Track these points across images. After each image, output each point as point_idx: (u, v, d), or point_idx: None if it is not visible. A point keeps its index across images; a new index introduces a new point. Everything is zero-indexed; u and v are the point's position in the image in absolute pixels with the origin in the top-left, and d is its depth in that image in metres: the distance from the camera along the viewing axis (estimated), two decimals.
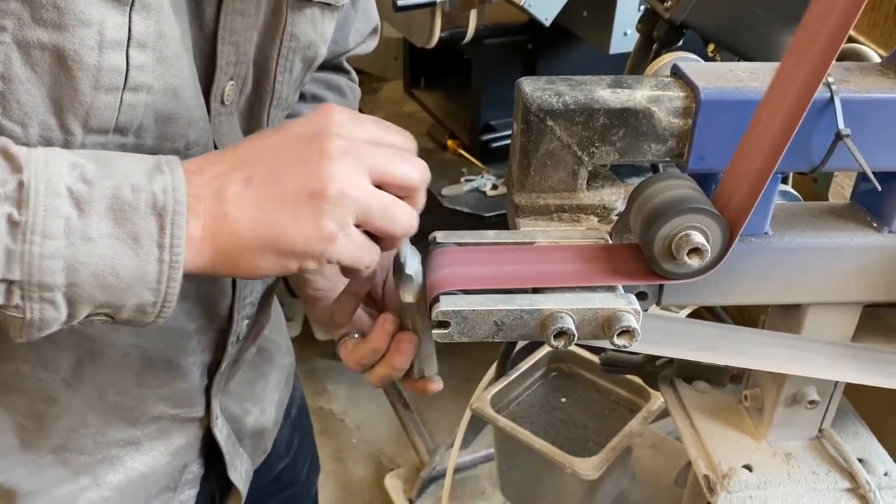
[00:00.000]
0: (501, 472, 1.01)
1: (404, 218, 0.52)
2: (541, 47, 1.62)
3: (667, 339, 0.62)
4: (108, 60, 0.49)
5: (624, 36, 1.38)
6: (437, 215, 1.57)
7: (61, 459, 0.64)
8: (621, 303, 0.53)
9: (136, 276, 0.47)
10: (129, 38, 0.49)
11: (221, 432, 0.73)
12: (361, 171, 0.49)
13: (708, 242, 0.52)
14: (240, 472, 0.77)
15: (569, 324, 0.52)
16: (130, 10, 0.49)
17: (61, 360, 0.60)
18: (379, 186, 0.50)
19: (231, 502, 0.79)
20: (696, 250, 0.52)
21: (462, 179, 1.63)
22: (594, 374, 1.03)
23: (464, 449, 1.30)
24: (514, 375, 1.01)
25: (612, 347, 0.54)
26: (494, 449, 1.01)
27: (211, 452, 0.74)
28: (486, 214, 1.55)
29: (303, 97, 0.79)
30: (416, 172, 0.52)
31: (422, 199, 0.54)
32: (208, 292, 0.64)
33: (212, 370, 0.70)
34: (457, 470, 1.69)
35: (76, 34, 0.47)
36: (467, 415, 0.98)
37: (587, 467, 0.87)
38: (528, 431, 0.91)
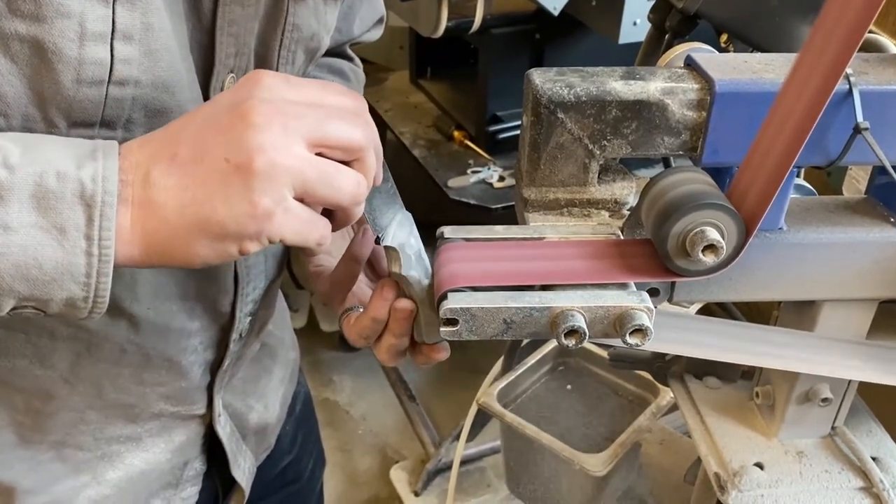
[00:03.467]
0: (508, 468, 1.00)
1: (349, 185, 0.47)
2: (549, 37, 1.60)
3: (677, 336, 0.61)
4: (91, 53, 0.47)
5: (633, 26, 1.36)
6: (442, 207, 1.56)
7: (60, 456, 0.63)
8: (634, 300, 0.51)
9: (62, 269, 0.44)
10: (112, 31, 0.48)
11: (224, 429, 0.73)
12: (293, 137, 0.44)
13: (723, 239, 0.51)
14: (243, 469, 0.76)
15: (580, 322, 0.51)
16: (114, 1, 0.47)
17: (59, 355, 0.59)
18: (321, 154, 0.46)
19: (234, 499, 0.78)
20: (711, 247, 0.51)
21: (468, 171, 1.61)
22: (602, 369, 1.02)
23: (469, 441, 1.30)
24: (521, 370, 0.99)
25: (621, 345, 0.53)
26: (501, 444, 1.00)
27: (213, 449, 0.74)
28: (493, 206, 1.54)
29: None
30: (360, 132, 0.47)
31: (370, 162, 0.49)
32: (209, 290, 0.63)
33: (214, 368, 0.68)
34: (462, 462, 1.68)
35: (55, 26, 0.45)
36: (473, 409, 0.97)
37: (595, 463, 0.86)
38: (535, 427, 0.90)
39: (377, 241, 0.55)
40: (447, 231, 0.59)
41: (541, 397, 1.00)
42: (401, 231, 0.56)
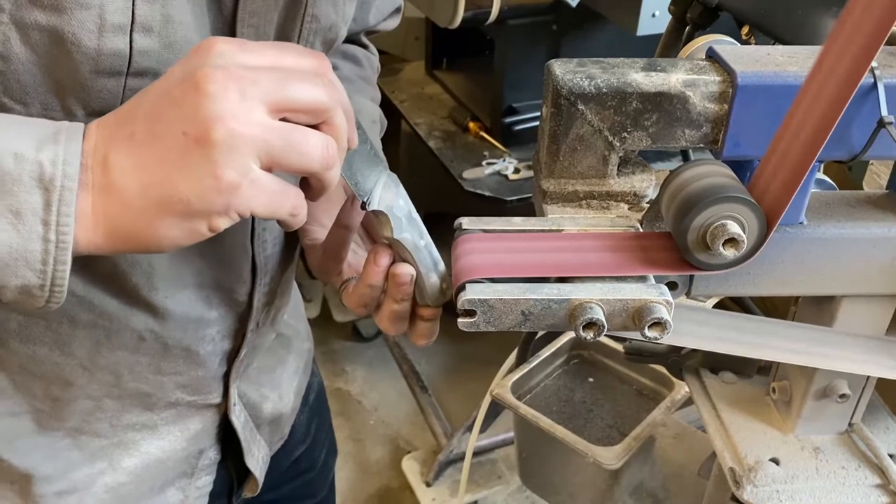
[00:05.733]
0: (521, 460, 1.00)
1: (318, 149, 0.44)
2: (566, 29, 1.59)
3: (694, 330, 0.61)
4: (109, 44, 0.47)
5: (652, 17, 1.35)
6: (457, 198, 1.56)
7: (77, 443, 0.64)
8: (653, 293, 0.51)
9: (17, 254, 0.42)
10: (132, 22, 0.47)
11: (239, 419, 0.73)
12: (252, 103, 0.42)
13: (744, 233, 0.51)
14: (257, 459, 0.77)
15: (598, 314, 0.50)
16: None
17: (78, 342, 0.59)
18: (285, 119, 0.44)
19: (248, 488, 0.79)
20: (731, 241, 0.50)
21: (483, 163, 1.61)
22: (617, 362, 1.02)
23: (482, 433, 1.30)
24: (535, 362, 0.99)
25: (638, 338, 0.52)
26: (514, 436, 1.00)
27: (228, 438, 0.74)
28: (508, 198, 1.53)
29: None
30: (323, 92, 0.45)
31: (339, 123, 0.46)
32: (227, 279, 0.63)
33: (230, 357, 0.69)
34: (474, 453, 1.68)
35: (75, 16, 0.45)
36: (487, 400, 0.97)
37: (609, 456, 0.86)
38: (549, 419, 0.90)
39: (363, 206, 0.53)
40: (465, 222, 0.58)
41: (555, 390, 1.00)
42: (387, 193, 0.54)
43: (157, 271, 0.58)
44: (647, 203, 0.60)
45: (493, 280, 0.53)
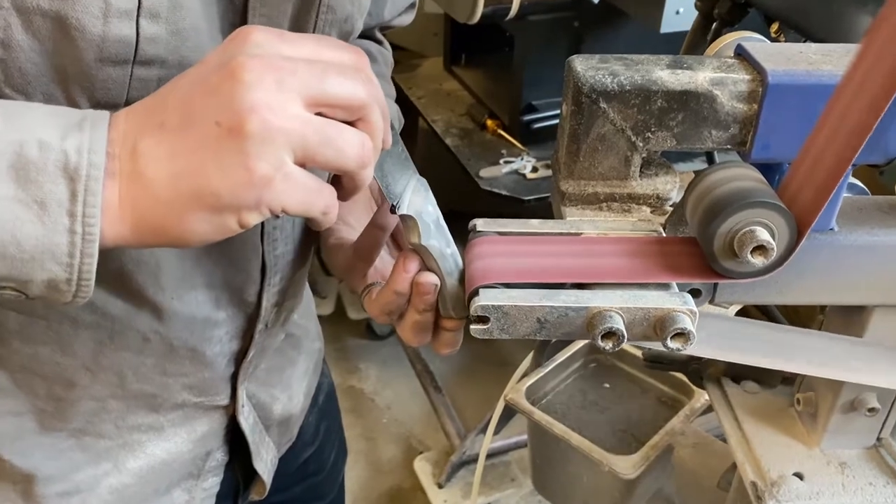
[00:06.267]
0: (535, 466, 0.98)
1: (353, 146, 0.43)
2: (588, 25, 1.56)
3: (717, 339, 0.59)
4: (115, 31, 0.45)
5: (676, 14, 1.32)
6: (473, 197, 1.54)
7: (81, 444, 0.62)
8: (676, 302, 0.49)
9: (42, 247, 0.40)
10: (139, 7, 0.45)
11: (248, 420, 0.71)
12: (289, 95, 0.40)
13: (774, 240, 0.48)
14: (265, 462, 0.75)
15: (618, 323, 0.48)
16: None
17: (81, 343, 0.58)
18: (320, 114, 0.42)
19: (255, 491, 0.77)
20: (760, 248, 0.48)
21: (501, 161, 1.58)
22: (635, 368, 0.99)
23: (495, 434, 1.28)
24: (551, 366, 0.97)
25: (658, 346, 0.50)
26: (528, 441, 0.98)
27: (236, 440, 0.72)
28: (526, 198, 1.51)
29: None
30: (362, 88, 0.43)
31: (376, 121, 0.45)
32: (235, 278, 0.61)
33: (238, 358, 0.67)
34: (487, 456, 1.66)
35: (79, 1, 0.43)
36: (500, 405, 0.95)
37: (625, 466, 0.84)
38: (564, 426, 0.88)
39: (392, 209, 0.52)
40: (480, 224, 0.56)
41: (570, 395, 0.97)
42: (416, 198, 0.53)
43: (164, 271, 0.56)
44: (671, 206, 0.58)
45: (507, 285, 0.51)
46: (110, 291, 0.55)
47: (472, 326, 0.50)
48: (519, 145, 1.65)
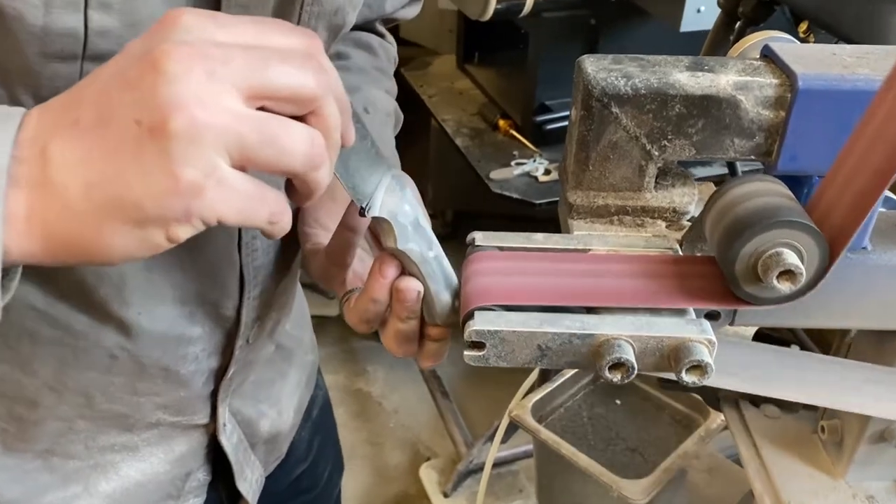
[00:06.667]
0: (540, 485, 0.94)
1: (301, 144, 0.37)
2: (604, 23, 1.52)
3: (733, 368, 0.54)
4: (59, 22, 0.40)
5: (697, 13, 1.27)
6: (483, 200, 1.49)
7: (48, 465, 0.58)
8: (692, 330, 0.44)
9: None
10: None
11: (230, 440, 0.67)
12: (223, 87, 0.35)
13: (802, 263, 0.43)
14: (249, 482, 0.71)
15: (627, 353, 0.43)
16: None
17: (41, 361, 0.53)
18: (264, 109, 0.37)
19: None
20: (787, 272, 0.43)
21: (512, 163, 1.54)
22: (648, 384, 0.95)
23: (503, 443, 1.23)
24: (559, 381, 0.92)
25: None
26: (534, 459, 0.93)
27: (219, 458, 0.68)
28: (537, 202, 1.46)
29: None
30: (312, 77, 0.37)
31: (330, 114, 0.39)
32: (210, 293, 0.57)
33: (218, 376, 0.62)
34: (494, 465, 1.62)
35: None
36: (505, 421, 0.91)
37: (636, 490, 0.79)
38: (571, 446, 0.83)
39: (361, 212, 0.46)
40: (478, 237, 0.52)
41: (579, 412, 0.93)
42: (390, 197, 0.47)
43: (128, 285, 0.52)
44: (689, 221, 0.54)
45: (506, 308, 0.46)
46: (72, 306, 0.51)
47: (466, 353, 0.45)
48: (531, 147, 1.60)
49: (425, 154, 2.06)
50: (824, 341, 0.72)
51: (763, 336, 0.77)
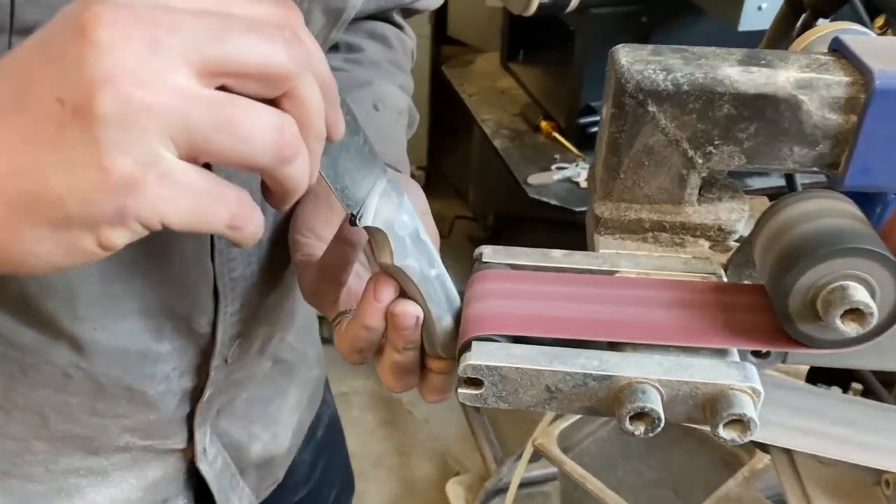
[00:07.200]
0: None
1: (266, 131, 0.30)
2: (656, 20, 1.43)
3: (779, 415, 0.46)
4: None
5: (758, 10, 1.17)
6: (520, 205, 1.41)
7: (6, 488, 0.52)
8: (734, 376, 0.36)
9: None
10: None
11: (212, 466, 0.60)
12: (168, 61, 0.29)
13: (874, 300, 0.35)
14: None
15: (654, 401, 0.36)
16: None
17: None
18: (225, 89, 0.30)
19: None
20: (854, 311, 0.35)
21: (553, 167, 1.46)
22: None
23: (534, 462, 1.15)
24: None
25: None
26: (559, 490, 0.86)
27: (202, 485, 0.62)
28: (577, 209, 1.38)
29: (335, 47, 0.63)
30: (283, 51, 0.31)
31: (308, 97, 0.32)
32: (179, 305, 0.50)
33: (194, 397, 0.56)
34: (525, 484, 1.54)
35: None
36: (529, 449, 0.83)
37: None
38: (598, 481, 0.75)
39: (352, 220, 0.39)
40: (486, 252, 0.45)
41: (610, 442, 0.85)
42: (386, 205, 0.40)
43: (81, 296, 0.45)
44: (736, 242, 0.46)
45: (513, 338, 0.39)
46: (17, 319, 0.45)
47: (460, 391, 0.38)
48: (574, 150, 1.52)
49: (468, 157, 2.00)
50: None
51: (817, 370, 0.68)
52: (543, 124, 1.55)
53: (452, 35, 2.40)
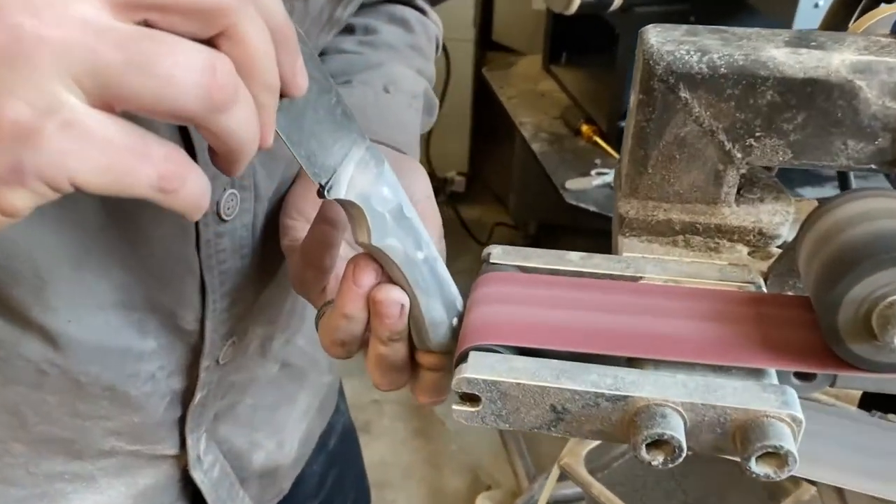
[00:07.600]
0: None
1: (192, 70, 0.26)
2: (705, 19, 1.35)
3: (826, 449, 0.41)
4: None
5: (814, 8, 1.10)
6: (560, 211, 1.36)
7: None
8: (770, 402, 0.31)
9: None
10: None
11: (208, 474, 0.56)
12: None
13: None
14: None
15: (675, 427, 0.31)
16: None
17: None
18: (148, 25, 0.26)
19: None
20: None
21: (592, 172, 1.40)
22: None
23: (565, 480, 1.10)
24: None
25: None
26: None
27: (198, 494, 0.58)
28: None
29: (351, 29, 0.59)
30: None
31: (249, 34, 0.27)
32: (162, 298, 0.46)
33: (185, 400, 0.52)
34: (557, 502, 1.48)
35: None
36: (555, 471, 0.78)
37: None
38: None
39: (320, 192, 0.35)
40: (495, 253, 0.40)
41: (641, 466, 0.79)
42: (363, 175, 0.36)
43: (51, 285, 0.42)
44: (779, 248, 0.41)
45: (518, 350, 0.34)
46: None
47: (454, 407, 0.34)
48: (616, 155, 1.46)
49: (509, 161, 1.95)
50: None
51: (871, 395, 0.62)
52: (584, 128, 1.49)
53: (497, 40, 2.35)
